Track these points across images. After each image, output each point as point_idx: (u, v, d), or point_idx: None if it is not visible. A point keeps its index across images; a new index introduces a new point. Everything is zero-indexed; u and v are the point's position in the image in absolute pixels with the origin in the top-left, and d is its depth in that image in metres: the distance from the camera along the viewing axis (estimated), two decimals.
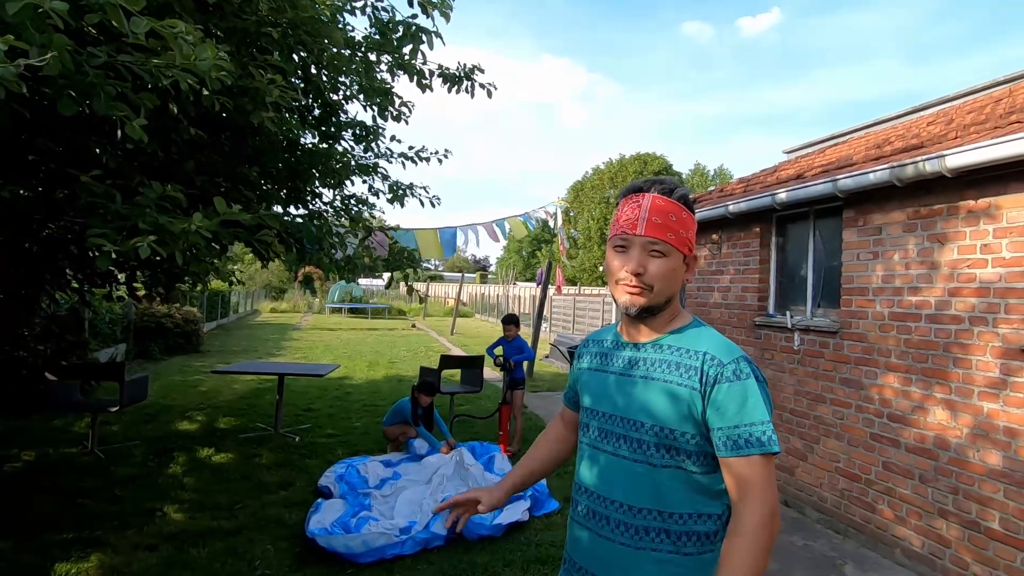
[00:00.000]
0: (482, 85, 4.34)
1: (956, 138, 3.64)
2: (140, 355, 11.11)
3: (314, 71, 3.91)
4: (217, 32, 3.04)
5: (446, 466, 4.67)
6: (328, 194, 4.88)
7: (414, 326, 22.72)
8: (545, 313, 15.41)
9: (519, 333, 6.09)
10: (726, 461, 1.17)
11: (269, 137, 3.53)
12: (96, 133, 3.06)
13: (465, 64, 4.30)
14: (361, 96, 4.34)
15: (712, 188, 6.76)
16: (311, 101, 4.28)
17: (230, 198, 3.72)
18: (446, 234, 8.43)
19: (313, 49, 3.51)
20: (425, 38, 3.87)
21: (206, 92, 2.15)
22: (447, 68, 4.25)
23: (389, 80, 4.33)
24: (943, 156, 3.24)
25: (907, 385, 3.66)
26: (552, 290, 15.39)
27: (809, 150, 7.00)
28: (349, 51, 3.90)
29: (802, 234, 4.73)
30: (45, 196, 3.41)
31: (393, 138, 4.95)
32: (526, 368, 9.46)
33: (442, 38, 3.86)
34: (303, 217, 4.54)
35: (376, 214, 5.15)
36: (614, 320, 12.32)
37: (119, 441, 5.57)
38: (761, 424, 1.14)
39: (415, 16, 3.88)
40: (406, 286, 5.00)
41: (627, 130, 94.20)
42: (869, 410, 3.92)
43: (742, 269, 5.18)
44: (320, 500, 4.07)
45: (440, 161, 4.91)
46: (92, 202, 2.48)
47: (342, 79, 4.17)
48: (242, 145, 3.78)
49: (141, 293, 4.93)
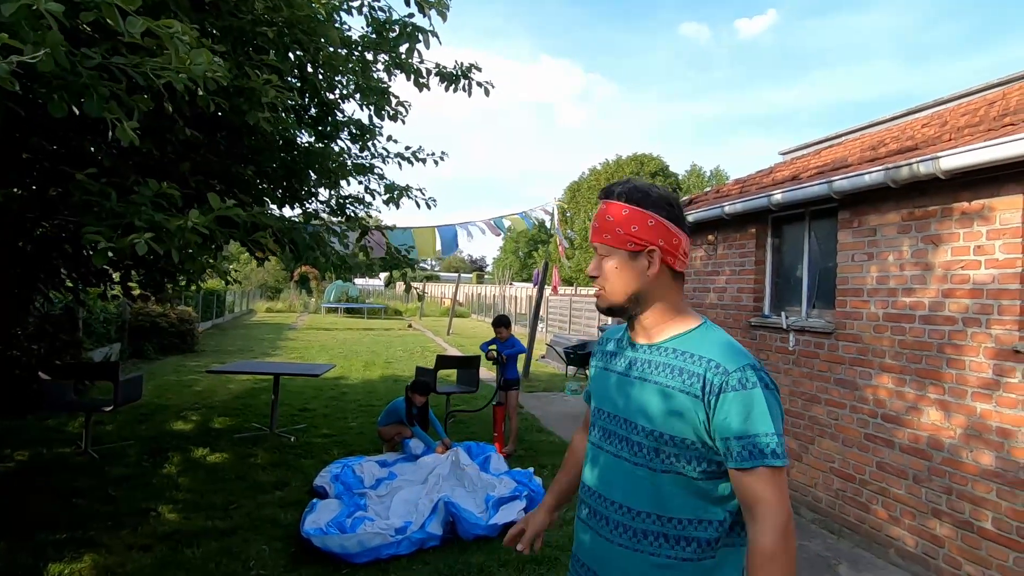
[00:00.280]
0: (479, 84, 4.34)
1: (950, 140, 3.66)
2: (134, 355, 11.06)
3: (310, 70, 3.91)
4: (213, 31, 3.03)
5: (442, 466, 4.67)
6: (324, 193, 4.87)
7: (410, 326, 22.70)
8: (541, 314, 15.41)
9: (512, 333, 6.06)
10: (733, 473, 1.14)
11: (265, 137, 3.52)
12: (91, 132, 3.05)
13: (462, 63, 4.30)
14: (358, 95, 4.34)
15: (708, 189, 6.78)
16: (307, 100, 4.27)
17: (225, 198, 3.72)
18: (446, 232, 8.40)
19: (309, 48, 3.50)
20: (422, 37, 3.87)
21: (201, 92, 2.15)
22: (444, 67, 4.25)
23: (386, 79, 4.33)
24: (937, 158, 3.25)
25: (901, 386, 3.68)
26: (548, 290, 15.40)
27: (805, 151, 7.03)
28: (345, 50, 3.90)
29: (798, 235, 4.75)
30: (39, 195, 3.40)
31: (390, 138, 4.93)
32: (521, 369, 9.46)
33: (439, 37, 3.86)
34: (299, 217, 4.54)
35: (373, 213, 5.14)
36: (610, 320, 12.33)
37: (113, 441, 5.54)
38: (767, 436, 1.10)
39: (412, 15, 3.88)
40: (404, 284, 4.99)
41: (625, 131, 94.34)
42: (863, 410, 3.94)
43: (738, 270, 5.19)
44: (315, 500, 4.06)
45: (436, 163, 4.90)
46: (87, 200, 2.47)
47: (338, 78, 4.16)
48: (238, 145, 3.77)
49: (136, 292, 4.91)
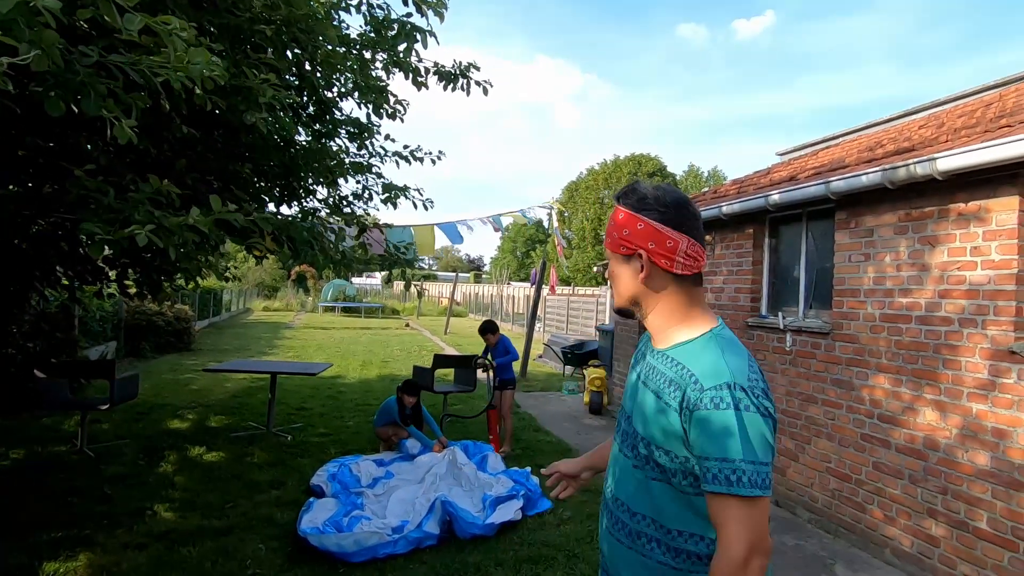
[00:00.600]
0: (478, 83, 4.34)
1: (947, 141, 3.67)
2: (131, 353, 11.03)
3: (308, 68, 3.90)
4: (211, 29, 3.03)
5: (439, 465, 4.67)
6: (322, 191, 4.86)
7: (408, 325, 22.68)
8: (539, 313, 15.42)
9: (501, 333, 6.03)
10: (705, 493, 1.09)
11: (262, 135, 3.51)
12: (87, 130, 3.04)
13: (461, 62, 4.29)
14: (356, 93, 4.33)
15: (706, 189, 6.80)
16: (305, 98, 4.26)
17: (222, 196, 3.70)
18: (447, 228, 8.40)
19: (307, 46, 3.49)
20: (419, 36, 3.87)
21: (198, 91, 2.14)
22: (443, 66, 4.25)
23: (384, 78, 4.32)
24: (934, 159, 3.26)
25: (897, 386, 3.69)
26: (546, 290, 15.40)
27: (802, 152, 7.05)
28: (344, 48, 3.89)
29: (795, 236, 4.76)
30: (35, 192, 3.38)
31: (387, 136, 4.92)
32: (518, 369, 9.46)
33: (436, 37, 3.86)
34: (296, 216, 4.52)
35: (371, 211, 5.13)
36: (608, 320, 12.34)
37: (109, 440, 5.53)
38: (731, 462, 1.03)
39: (409, 15, 3.88)
40: (403, 282, 4.98)
41: (622, 131, 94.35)
42: (860, 411, 3.95)
43: (735, 270, 5.20)
44: (312, 499, 4.06)
45: (434, 162, 4.89)
46: (84, 195, 2.46)
47: (337, 76, 4.15)
48: (235, 143, 3.76)
49: (132, 290, 4.89)
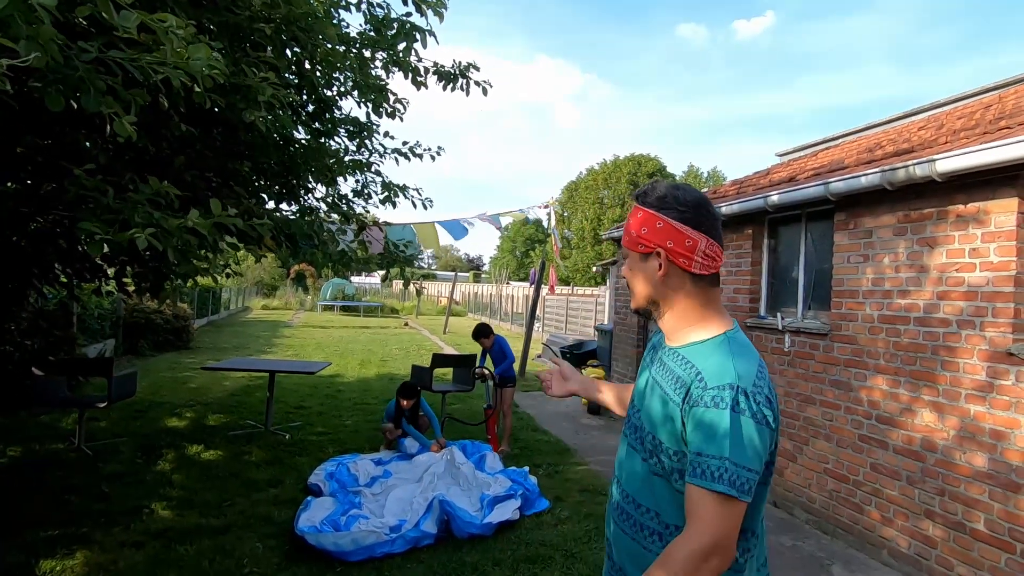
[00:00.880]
0: (477, 83, 4.33)
1: (946, 143, 3.67)
2: (129, 351, 11.02)
3: (308, 67, 3.89)
4: (210, 27, 3.02)
5: (437, 464, 4.67)
6: (321, 190, 4.86)
7: (406, 324, 22.68)
8: (538, 313, 15.41)
9: (497, 334, 6.01)
10: (686, 483, 1.11)
11: (261, 133, 3.50)
12: (86, 127, 3.03)
13: (460, 62, 4.29)
14: (355, 92, 4.33)
15: (705, 190, 6.80)
16: (304, 97, 4.25)
17: (221, 195, 3.70)
18: (448, 225, 8.40)
19: (307, 45, 3.49)
20: (419, 36, 3.86)
21: (197, 89, 2.13)
22: (442, 66, 4.24)
23: (384, 77, 4.32)
24: (933, 160, 3.26)
25: (895, 387, 3.69)
26: (545, 290, 15.40)
27: (802, 153, 7.05)
28: (343, 47, 3.89)
29: (794, 236, 4.76)
30: (33, 190, 3.38)
31: (386, 134, 4.92)
32: (517, 368, 9.46)
33: (436, 36, 3.86)
34: (295, 214, 4.52)
35: (371, 209, 5.12)
36: (606, 320, 12.33)
37: (107, 438, 5.52)
38: (721, 459, 1.05)
39: (409, 14, 3.88)
40: (402, 280, 4.98)
41: (622, 131, 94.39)
42: (858, 412, 3.95)
43: (734, 271, 5.20)
44: (310, 498, 4.05)
45: (433, 158, 4.89)
46: (83, 195, 2.46)
47: (336, 75, 4.15)
48: (234, 141, 3.76)
49: (131, 288, 4.88)
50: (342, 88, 4.36)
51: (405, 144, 4.88)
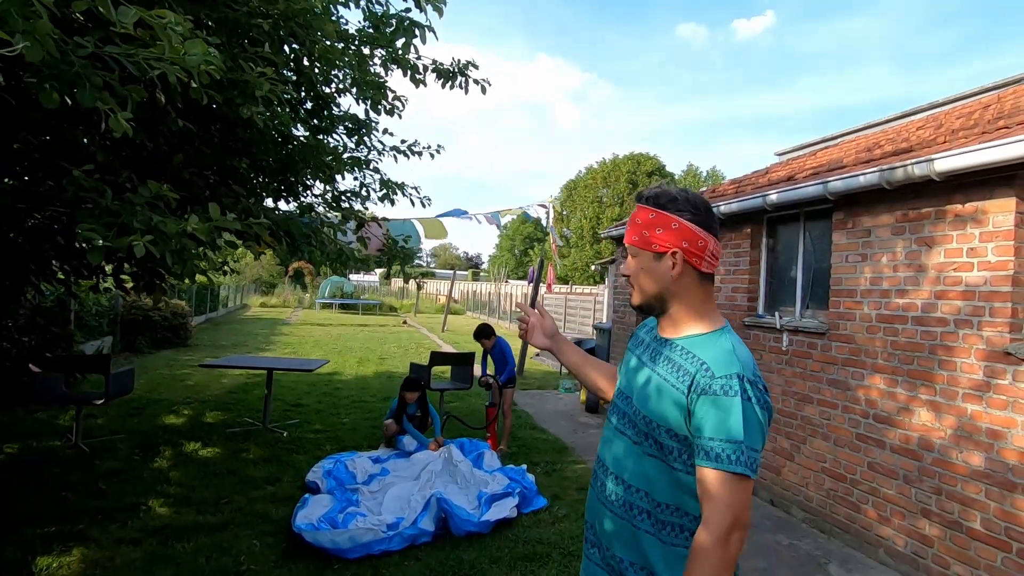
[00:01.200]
0: (476, 81, 4.32)
1: (945, 142, 3.68)
2: (127, 348, 11.00)
3: (306, 63, 3.88)
4: (208, 23, 3.01)
5: (435, 462, 4.67)
6: (320, 187, 4.85)
7: (405, 322, 22.67)
8: None
9: (498, 336, 6.01)
10: (696, 469, 1.20)
11: (259, 130, 3.49)
12: (83, 123, 3.02)
13: (459, 60, 4.28)
14: (354, 89, 4.31)
15: (704, 189, 6.79)
16: (303, 94, 4.24)
17: (219, 193, 3.69)
18: (450, 214, 8.41)
19: (305, 41, 3.47)
20: (418, 32, 3.85)
21: (194, 84, 2.12)
22: (441, 63, 4.23)
23: (382, 74, 4.30)
24: (932, 160, 3.26)
25: (893, 386, 3.70)
26: (543, 288, 15.39)
27: (800, 152, 7.05)
28: (342, 44, 3.87)
29: (792, 236, 4.76)
30: (31, 186, 3.36)
31: (385, 131, 4.90)
32: (516, 367, 9.45)
33: (435, 33, 3.85)
34: (294, 211, 4.51)
35: (369, 206, 5.11)
36: (605, 319, 12.32)
37: (104, 435, 5.51)
38: (733, 443, 1.14)
39: (408, 10, 3.87)
40: (402, 277, 4.97)
41: (621, 131, 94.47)
42: (855, 411, 3.95)
43: (733, 269, 5.20)
44: (307, 495, 4.05)
45: (432, 156, 4.88)
46: (81, 196, 2.45)
47: (335, 72, 4.14)
48: (232, 137, 3.75)
49: (129, 285, 4.87)
50: (340, 85, 4.34)
51: (404, 142, 4.87)
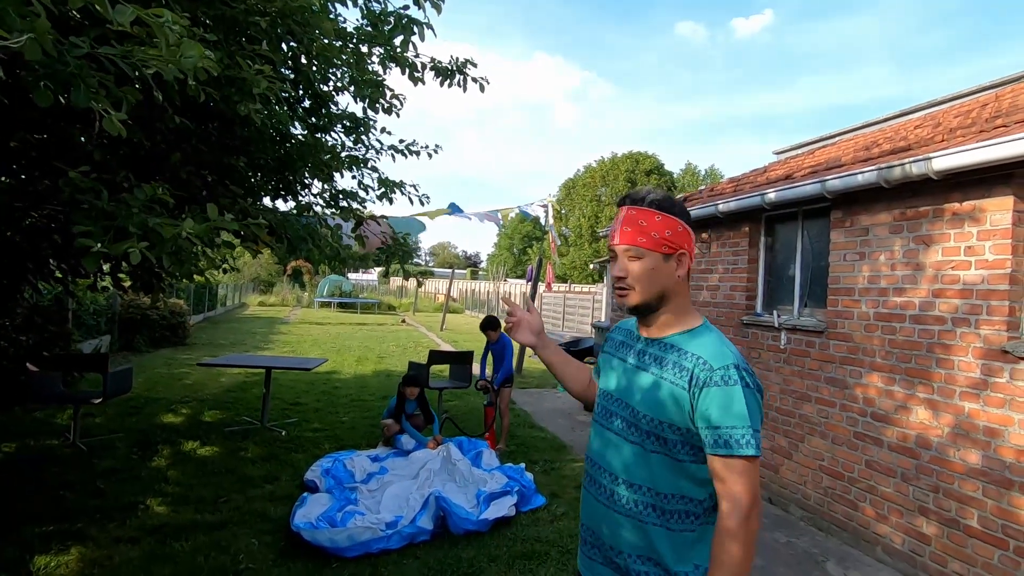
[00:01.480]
0: (474, 79, 4.31)
1: (943, 141, 3.68)
2: (125, 347, 10.98)
3: (304, 62, 3.87)
4: (205, 20, 3.00)
5: (433, 461, 4.67)
6: (318, 186, 4.84)
7: (404, 321, 22.66)
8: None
9: (503, 333, 6.04)
10: (709, 459, 1.28)
11: (257, 128, 3.48)
12: (79, 121, 3.01)
13: (457, 58, 4.27)
14: (352, 88, 4.30)
15: (703, 187, 6.80)
16: (301, 92, 4.23)
17: (216, 193, 3.68)
18: (450, 207, 8.45)
19: (303, 39, 3.47)
20: (417, 30, 3.84)
21: (191, 82, 2.12)
22: (439, 61, 4.22)
23: (380, 72, 4.29)
24: (930, 159, 3.27)
25: (891, 385, 3.71)
26: (542, 287, 15.39)
27: (799, 151, 7.05)
28: (340, 42, 3.86)
29: (791, 234, 4.77)
30: (28, 184, 3.35)
31: (383, 130, 4.90)
32: (514, 365, 9.46)
33: (434, 30, 3.83)
34: (292, 211, 4.50)
35: (368, 205, 5.10)
36: (604, 317, 12.33)
37: (102, 433, 5.51)
38: (742, 428, 1.23)
39: (407, 7, 3.86)
40: (402, 275, 4.97)
41: (619, 130, 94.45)
42: (853, 409, 3.96)
43: (731, 268, 5.20)
44: (306, 494, 4.05)
45: (430, 156, 4.87)
46: (77, 198, 2.44)
47: (332, 70, 4.12)
48: (230, 136, 3.74)
49: (127, 284, 4.86)
50: (338, 83, 4.33)
51: (402, 141, 4.86)
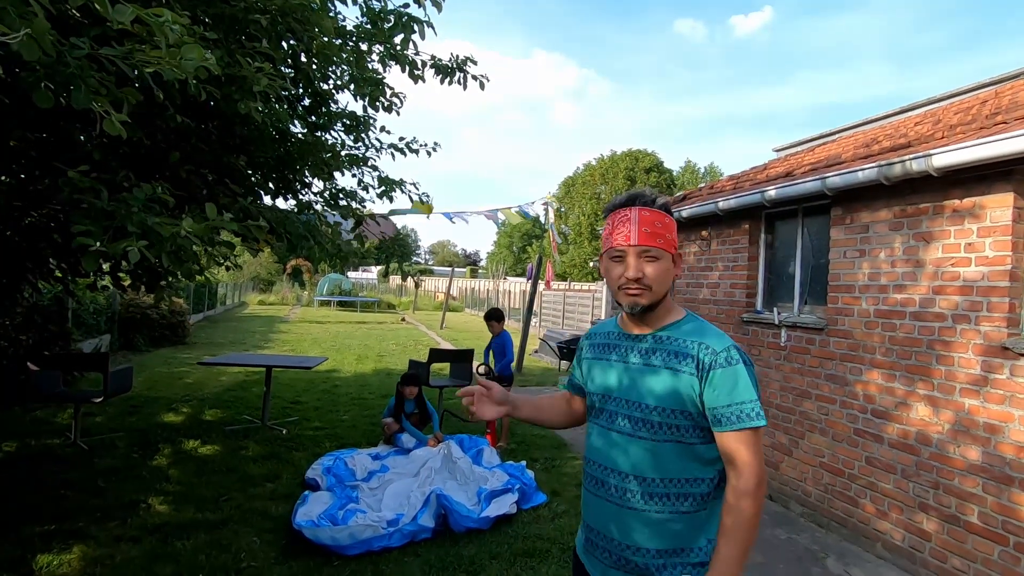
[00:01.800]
0: (474, 77, 4.31)
1: (943, 138, 3.68)
2: (125, 346, 10.98)
3: (304, 60, 3.86)
4: (204, 19, 3.00)
5: (434, 459, 4.67)
6: (318, 184, 4.84)
7: (403, 320, 22.66)
8: (535, 308, 15.41)
9: (504, 327, 6.05)
10: (720, 436, 1.35)
11: (257, 127, 3.48)
12: (79, 120, 3.00)
13: (457, 55, 4.26)
14: (352, 86, 4.30)
15: (703, 185, 6.80)
16: (301, 90, 4.23)
17: (217, 191, 3.67)
18: (448, 216, 8.47)
19: (303, 37, 3.46)
20: (417, 28, 3.84)
21: (192, 81, 2.12)
22: (439, 59, 4.22)
23: (380, 70, 4.29)
24: (930, 155, 3.27)
25: (891, 382, 3.71)
26: (542, 285, 15.39)
27: (799, 148, 7.05)
28: (340, 40, 3.86)
29: (791, 232, 4.77)
30: (27, 184, 3.35)
31: (383, 129, 4.89)
32: (514, 364, 9.48)
33: (434, 29, 3.83)
34: (292, 209, 4.50)
35: (368, 205, 5.10)
36: (604, 315, 12.35)
37: (103, 433, 5.51)
38: (750, 402, 1.32)
39: (407, 5, 3.85)
40: (400, 275, 4.97)
41: (618, 128, 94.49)
42: (853, 406, 3.97)
43: (731, 266, 5.21)
44: (307, 492, 4.05)
45: (429, 154, 4.87)
46: (76, 198, 2.43)
47: (332, 68, 4.12)
48: (230, 134, 3.73)
49: (126, 283, 4.86)
50: (338, 81, 4.33)
51: (402, 140, 4.86)
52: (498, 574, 3.26)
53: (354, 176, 4.90)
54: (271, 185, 4.54)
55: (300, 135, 4.24)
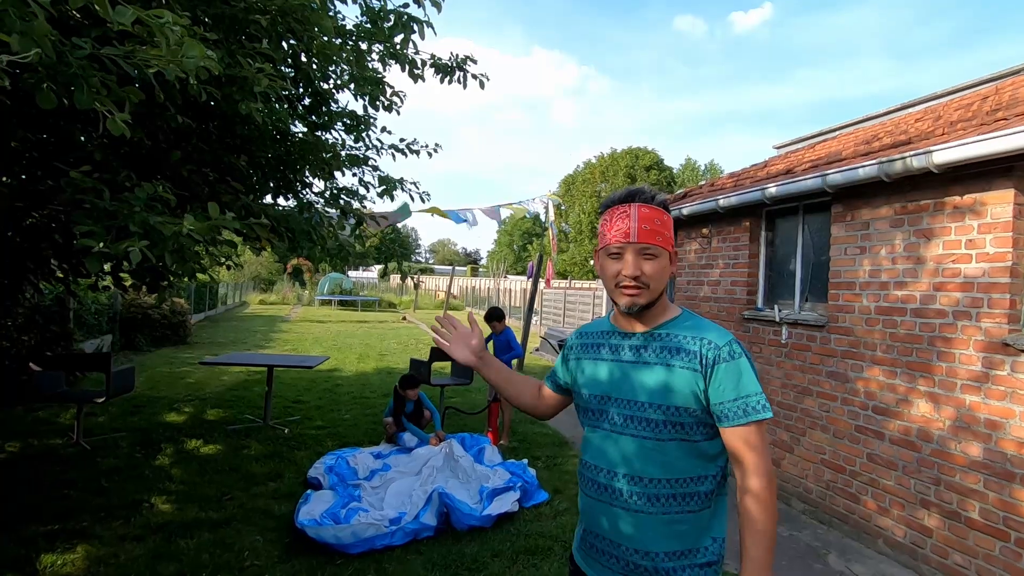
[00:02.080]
0: (474, 76, 4.31)
1: (943, 134, 3.68)
2: (126, 346, 11.00)
3: (304, 59, 3.87)
4: (205, 19, 3.00)
5: (436, 457, 4.68)
6: (319, 184, 4.84)
7: (404, 319, 22.67)
8: (536, 307, 15.41)
9: (507, 326, 6.06)
10: (728, 430, 1.32)
11: (258, 126, 3.48)
12: (81, 120, 3.01)
13: (457, 54, 4.26)
14: (352, 85, 4.30)
15: (703, 182, 6.80)
16: (301, 90, 4.23)
17: (218, 191, 3.68)
18: (452, 214, 8.44)
19: (303, 37, 3.46)
20: (416, 27, 3.84)
21: (192, 81, 2.12)
22: (439, 58, 4.22)
23: (380, 70, 4.29)
24: (930, 152, 3.27)
25: (892, 378, 3.71)
26: (542, 283, 15.39)
27: (799, 145, 7.05)
28: (340, 39, 3.86)
29: (791, 229, 4.77)
30: (29, 184, 3.36)
31: (384, 129, 4.89)
32: (515, 364, 9.48)
33: (434, 28, 3.83)
34: (293, 209, 4.50)
35: (368, 205, 5.10)
36: (604, 313, 12.35)
37: (105, 432, 5.52)
38: (755, 395, 1.31)
39: (406, 5, 3.85)
40: (399, 274, 4.98)
41: (618, 126, 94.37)
42: (854, 403, 3.97)
43: (731, 263, 5.21)
44: (310, 491, 4.06)
45: (430, 155, 4.87)
46: (78, 198, 2.44)
47: (332, 68, 4.12)
48: (230, 134, 3.74)
49: (128, 283, 4.87)
50: (339, 81, 4.33)
51: (402, 140, 4.86)
52: (500, 572, 3.27)
53: (355, 175, 4.90)
54: (272, 185, 4.55)
55: (300, 135, 4.24)
